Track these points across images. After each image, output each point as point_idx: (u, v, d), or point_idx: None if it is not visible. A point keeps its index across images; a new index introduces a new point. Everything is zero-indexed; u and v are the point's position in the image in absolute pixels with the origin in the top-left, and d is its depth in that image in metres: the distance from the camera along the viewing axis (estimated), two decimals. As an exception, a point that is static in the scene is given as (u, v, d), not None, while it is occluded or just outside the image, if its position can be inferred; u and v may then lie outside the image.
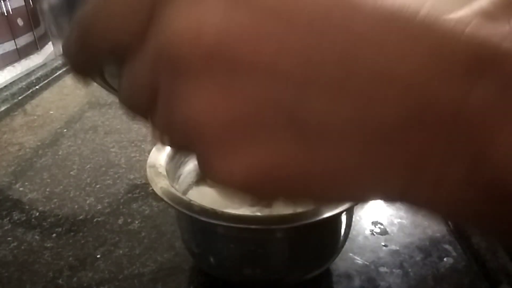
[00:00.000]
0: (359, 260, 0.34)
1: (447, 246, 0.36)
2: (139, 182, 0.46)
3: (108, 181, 0.47)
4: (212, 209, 0.26)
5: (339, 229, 0.30)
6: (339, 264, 0.34)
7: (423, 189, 0.12)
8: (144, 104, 0.15)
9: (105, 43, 0.14)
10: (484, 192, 0.11)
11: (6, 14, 0.79)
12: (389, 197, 0.14)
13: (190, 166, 0.36)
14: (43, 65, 0.87)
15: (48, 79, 0.82)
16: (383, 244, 0.36)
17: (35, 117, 0.66)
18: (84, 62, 0.15)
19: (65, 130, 0.61)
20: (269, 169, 0.13)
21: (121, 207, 0.42)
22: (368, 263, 0.34)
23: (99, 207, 0.42)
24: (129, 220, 0.40)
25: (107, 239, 0.37)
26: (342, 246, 0.31)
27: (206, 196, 0.35)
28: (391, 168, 0.12)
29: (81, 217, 0.41)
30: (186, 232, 0.31)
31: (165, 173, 0.30)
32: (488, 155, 0.11)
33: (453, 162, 0.11)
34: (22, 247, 0.37)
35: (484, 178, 0.11)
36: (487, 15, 0.11)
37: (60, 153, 0.54)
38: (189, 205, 0.26)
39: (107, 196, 0.44)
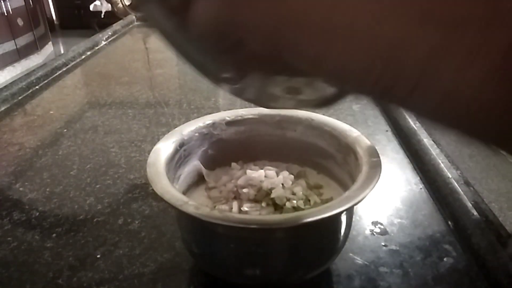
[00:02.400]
0: (359, 260, 0.34)
1: (447, 246, 0.36)
2: (139, 182, 0.46)
3: (108, 181, 0.47)
4: (212, 209, 0.26)
5: (339, 229, 0.30)
6: (339, 264, 0.34)
7: (453, 61, 0.12)
8: None
9: None
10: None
11: (6, 14, 0.79)
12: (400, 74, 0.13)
13: (190, 166, 0.36)
14: (43, 65, 0.87)
15: (48, 79, 0.82)
16: (383, 244, 0.36)
17: (35, 117, 0.66)
18: None
19: (65, 130, 0.61)
20: None
21: (121, 207, 0.42)
22: (368, 263, 0.34)
23: (99, 207, 0.42)
24: (129, 220, 0.40)
25: (107, 239, 0.37)
26: (342, 246, 0.31)
27: (206, 196, 0.35)
28: (426, 19, 0.12)
29: (81, 217, 0.41)
30: (186, 232, 0.31)
31: (165, 173, 0.29)
32: None
33: (494, 33, 0.11)
34: (22, 247, 0.37)
35: None
36: None
37: (60, 153, 0.54)
38: (189, 205, 0.26)
39: (107, 196, 0.44)
